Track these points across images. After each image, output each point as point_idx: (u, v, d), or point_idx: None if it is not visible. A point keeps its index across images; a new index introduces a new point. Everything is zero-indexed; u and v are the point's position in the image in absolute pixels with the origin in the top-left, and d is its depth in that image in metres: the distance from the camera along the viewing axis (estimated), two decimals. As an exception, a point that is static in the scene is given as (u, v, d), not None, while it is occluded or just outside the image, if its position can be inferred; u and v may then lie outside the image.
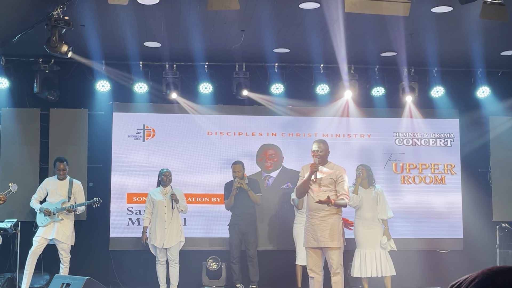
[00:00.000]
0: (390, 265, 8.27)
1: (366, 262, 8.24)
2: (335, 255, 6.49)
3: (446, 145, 9.81)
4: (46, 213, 8.13)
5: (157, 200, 8.35)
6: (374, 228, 8.30)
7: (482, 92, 9.62)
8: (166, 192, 8.38)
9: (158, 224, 8.29)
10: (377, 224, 8.32)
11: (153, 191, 8.48)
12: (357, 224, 8.38)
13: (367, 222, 8.30)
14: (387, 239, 8.25)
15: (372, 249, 8.26)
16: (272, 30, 7.90)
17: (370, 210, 8.31)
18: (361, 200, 8.30)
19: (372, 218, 8.31)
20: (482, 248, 9.45)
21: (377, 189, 8.46)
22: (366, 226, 8.29)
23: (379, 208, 8.34)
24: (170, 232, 8.29)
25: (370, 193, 8.38)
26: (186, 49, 8.66)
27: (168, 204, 8.33)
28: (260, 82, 9.49)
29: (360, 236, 8.34)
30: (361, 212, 8.34)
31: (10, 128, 9.15)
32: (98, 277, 7.34)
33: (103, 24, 7.65)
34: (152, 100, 9.44)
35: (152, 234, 8.31)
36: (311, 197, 6.53)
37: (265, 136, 9.59)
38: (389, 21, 7.37)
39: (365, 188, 8.40)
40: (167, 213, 8.31)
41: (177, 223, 8.37)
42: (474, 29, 7.84)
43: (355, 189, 8.31)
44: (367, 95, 9.63)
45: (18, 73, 9.16)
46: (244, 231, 8.59)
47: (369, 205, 8.32)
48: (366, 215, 8.30)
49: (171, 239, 8.30)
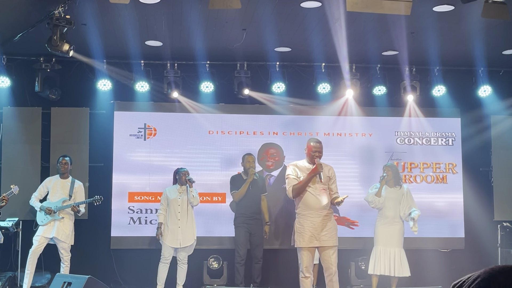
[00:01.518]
0: (404, 267, 8.27)
1: (380, 259, 8.26)
2: (335, 254, 6.55)
3: (447, 144, 9.80)
4: (48, 212, 8.13)
5: (172, 198, 8.33)
6: (394, 227, 8.32)
7: (483, 91, 9.60)
8: (182, 191, 8.37)
9: (171, 223, 8.28)
10: (397, 223, 8.34)
11: (168, 189, 8.46)
12: (377, 222, 8.42)
13: (388, 220, 8.33)
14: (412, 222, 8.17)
15: (387, 247, 8.27)
16: (274, 29, 7.89)
17: (392, 209, 8.33)
18: (384, 200, 8.32)
19: (393, 217, 8.33)
20: (484, 247, 9.45)
21: (403, 188, 8.46)
22: (386, 225, 8.33)
23: (402, 207, 8.31)
24: (184, 231, 8.26)
25: (394, 193, 8.39)
26: (188, 48, 8.65)
27: (183, 203, 8.31)
28: (262, 81, 9.49)
29: (379, 233, 8.37)
30: (383, 211, 8.37)
31: (12, 127, 9.14)
32: (100, 276, 7.36)
33: (104, 23, 7.64)
34: (153, 99, 9.43)
35: (164, 232, 8.30)
36: (312, 196, 6.50)
37: (266, 135, 9.59)
38: (391, 20, 7.35)
39: (391, 187, 8.41)
40: (181, 211, 8.29)
41: (191, 223, 8.34)
42: (475, 28, 7.82)
43: (378, 192, 8.32)
44: (369, 94, 9.61)
45: (20, 72, 9.16)
46: (252, 232, 8.49)
47: (392, 204, 8.33)
48: (387, 214, 8.33)
49: (185, 239, 8.28)
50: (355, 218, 9.37)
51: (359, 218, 9.38)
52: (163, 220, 8.33)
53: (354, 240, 9.30)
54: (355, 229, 9.39)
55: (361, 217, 9.34)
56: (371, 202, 8.36)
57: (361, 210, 9.17)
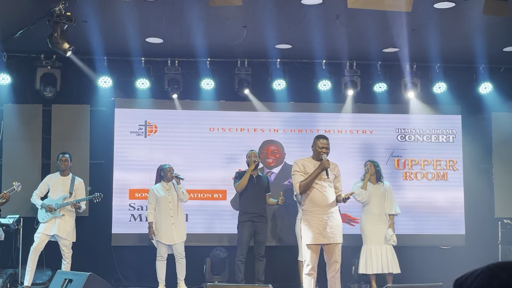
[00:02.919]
0: (395, 263, 8.30)
1: (372, 258, 8.28)
2: (340, 251, 6.54)
3: (448, 141, 9.79)
4: (48, 209, 8.13)
5: (161, 196, 8.32)
6: (381, 225, 8.34)
7: (484, 88, 9.58)
8: (169, 188, 8.37)
9: (164, 221, 8.28)
10: (384, 221, 8.37)
11: (155, 187, 8.42)
12: (364, 220, 8.43)
13: (374, 217, 8.35)
14: (392, 231, 8.30)
15: (378, 245, 8.29)
16: (274, 26, 7.86)
17: (377, 205, 8.35)
18: (369, 195, 8.34)
19: (379, 214, 8.35)
20: (484, 244, 9.43)
21: (385, 185, 8.48)
22: (373, 222, 8.34)
23: (387, 204, 8.39)
24: (177, 227, 8.29)
25: (378, 189, 8.42)
26: (188, 45, 8.63)
27: (173, 199, 8.32)
28: (262, 78, 9.46)
29: (367, 232, 8.39)
30: (368, 208, 8.38)
31: (12, 124, 9.13)
32: (100, 273, 7.36)
33: (105, 20, 7.62)
34: (154, 96, 9.42)
35: (158, 231, 8.29)
36: (319, 193, 6.46)
37: (267, 132, 9.58)
38: (392, 17, 7.34)
39: (373, 184, 8.45)
40: (173, 208, 8.30)
41: (182, 218, 8.39)
42: (476, 25, 7.80)
43: (364, 185, 8.36)
44: (369, 91, 9.60)
45: (20, 69, 9.14)
46: (257, 230, 8.39)
47: (377, 201, 8.36)
48: (373, 211, 8.35)
49: (179, 234, 8.31)
50: (356, 215, 9.36)
51: (359, 215, 9.34)
52: (153, 219, 8.32)
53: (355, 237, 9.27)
54: (356, 226, 9.37)
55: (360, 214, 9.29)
56: (358, 194, 8.32)
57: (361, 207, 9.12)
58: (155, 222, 8.32)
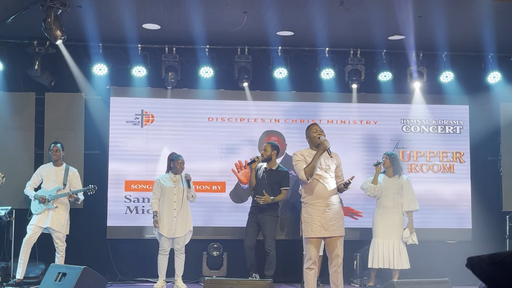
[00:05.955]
0: (403, 259, 8.20)
1: (378, 252, 8.19)
2: (342, 245, 6.37)
3: (455, 132, 9.60)
4: (41, 201, 7.98)
5: (167, 187, 8.09)
6: (392, 219, 8.23)
7: (493, 77, 9.41)
8: (177, 180, 8.13)
9: (166, 212, 8.05)
10: (396, 214, 8.25)
11: (162, 177, 8.21)
12: (375, 213, 8.37)
13: (386, 211, 8.25)
14: (409, 232, 8.24)
15: (386, 239, 8.19)
16: (276, 12, 7.71)
17: (390, 199, 8.25)
18: (380, 189, 8.25)
19: (391, 207, 8.25)
20: (491, 238, 9.30)
21: (402, 178, 8.34)
22: (384, 216, 8.24)
23: (405, 199, 8.29)
24: (179, 221, 8.06)
25: (393, 182, 8.32)
26: (187, 31, 8.47)
27: (178, 192, 8.10)
28: (263, 66, 9.31)
29: (376, 225, 8.30)
30: (380, 201, 8.30)
31: (4, 112, 8.94)
32: (95, 266, 7.25)
33: (100, 5, 7.46)
34: (150, 85, 9.23)
35: (160, 223, 8.07)
36: (320, 184, 6.27)
37: (268, 122, 9.39)
38: (397, 2, 7.23)
39: (389, 177, 8.35)
40: (177, 201, 8.08)
41: (186, 212, 8.15)
42: (485, 12, 7.64)
43: (374, 179, 8.28)
44: (374, 80, 9.43)
45: (12, 55, 8.96)
46: (259, 222, 8.19)
47: (390, 194, 8.26)
48: (386, 204, 8.26)
49: (180, 228, 8.08)
50: (359, 209, 9.22)
51: (363, 208, 9.21)
52: (157, 209, 8.09)
53: (358, 231, 9.12)
54: (359, 219, 9.20)
55: (365, 207, 9.16)
56: (366, 189, 8.33)
57: (365, 200, 8.99)
58: (158, 213, 8.08)
